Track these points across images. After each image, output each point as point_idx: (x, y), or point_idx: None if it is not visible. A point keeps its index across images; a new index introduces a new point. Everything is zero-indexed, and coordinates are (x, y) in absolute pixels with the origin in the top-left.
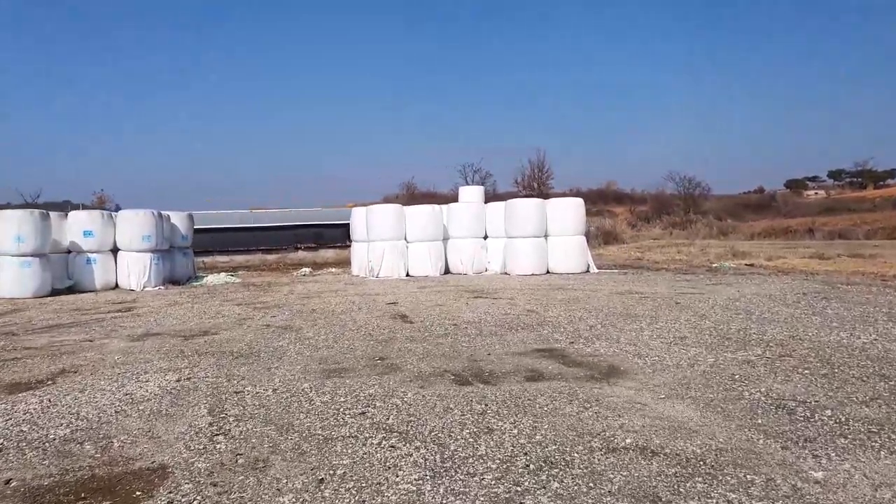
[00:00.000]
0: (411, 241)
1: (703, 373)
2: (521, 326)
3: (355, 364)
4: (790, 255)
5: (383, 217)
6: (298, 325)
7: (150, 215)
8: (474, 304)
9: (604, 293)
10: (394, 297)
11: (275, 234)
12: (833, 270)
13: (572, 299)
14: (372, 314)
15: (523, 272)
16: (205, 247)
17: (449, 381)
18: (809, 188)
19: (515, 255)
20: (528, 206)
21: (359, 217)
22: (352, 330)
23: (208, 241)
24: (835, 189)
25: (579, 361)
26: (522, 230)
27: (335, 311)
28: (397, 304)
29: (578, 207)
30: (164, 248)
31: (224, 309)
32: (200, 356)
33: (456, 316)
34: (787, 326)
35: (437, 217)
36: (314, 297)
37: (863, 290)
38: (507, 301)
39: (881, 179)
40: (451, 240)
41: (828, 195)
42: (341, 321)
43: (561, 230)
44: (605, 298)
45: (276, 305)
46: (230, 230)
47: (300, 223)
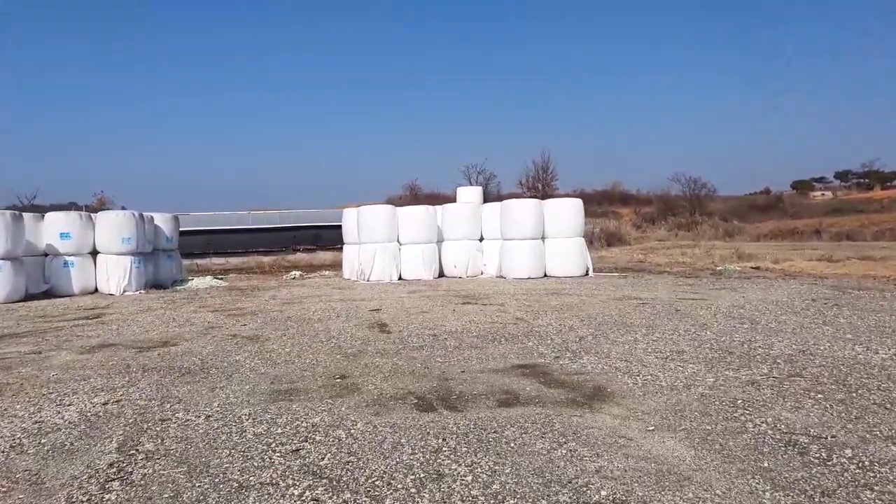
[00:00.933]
0: (404, 243)
1: (700, 396)
2: (505, 337)
3: (311, 384)
4: (797, 258)
5: (374, 218)
6: (267, 335)
7: (129, 216)
8: (462, 310)
9: (600, 299)
10: (379, 302)
11: (272, 236)
12: (842, 274)
13: (566, 306)
14: (349, 322)
15: (519, 276)
16: (200, 249)
17: (410, 406)
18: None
19: (511, 257)
20: (525, 207)
21: (350, 218)
22: (321, 341)
23: (204, 242)
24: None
25: (562, 381)
26: (518, 232)
27: (311, 319)
28: (380, 310)
29: (577, 208)
30: (147, 250)
31: (196, 316)
32: (145, 372)
33: (438, 325)
34: (796, 338)
35: (431, 218)
36: (296, 302)
37: (875, 295)
38: (497, 307)
39: (888, 180)
40: (445, 242)
41: (835, 196)
42: (313, 331)
43: (559, 232)
44: (600, 305)
45: (251, 312)
46: (226, 232)
47: (298, 224)
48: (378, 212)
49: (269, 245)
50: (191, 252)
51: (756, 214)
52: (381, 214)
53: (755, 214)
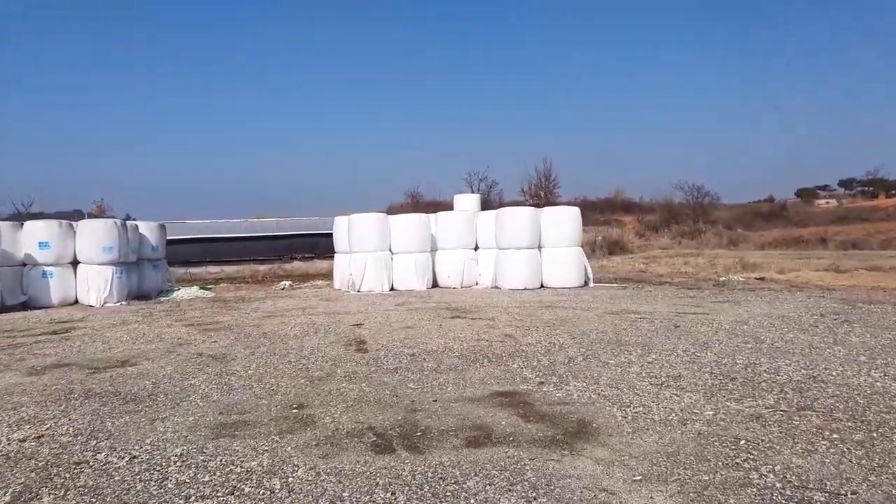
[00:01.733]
0: (396, 252)
1: (697, 435)
2: (489, 358)
3: (263, 415)
4: (803, 268)
5: (365, 227)
6: (234, 353)
7: (111, 225)
8: (448, 326)
9: (596, 312)
10: (363, 316)
11: (269, 244)
12: (851, 285)
13: (559, 320)
14: (326, 339)
15: (514, 286)
16: (197, 257)
17: (366, 445)
18: (820, 197)
19: (506, 268)
20: (520, 216)
21: (341, 226)
22: (289, 363)
23: (199, 251)
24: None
25: (543, 413)
26: (514, 241)
27: (286, 336)
28: (362, 325)
29: (575, 217)
30: (130, 260)
31: (168, 331)
32: (87, 399)
33: (420, 342)
34: (805, 361)
35: (425, 227)
36: (277, 316)
37: (888, 310)
38: (486, 322)
39: (893, 188)
40: (439, 251)
41: (840, 204)
42: (285, 349)
43: (556, 241)
44: (595, 320)
45: (227, 327)
46: (222, 240)
47: (295, 232)
48: (369, 220)
49: (266, 253)
50: (186, 260)
51: (760, 222)
52: (372, 223)
53: (759, 222)
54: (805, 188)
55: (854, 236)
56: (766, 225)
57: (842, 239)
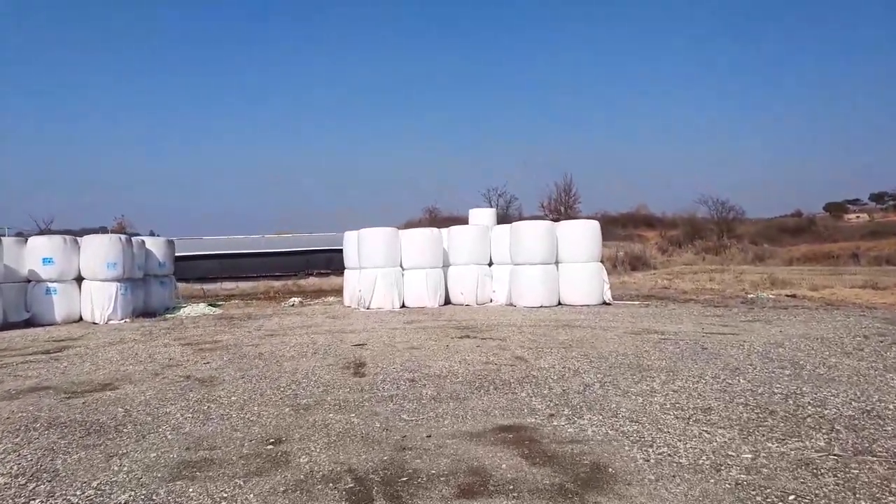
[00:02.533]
0: (407, 268)
1: (735, 486)
2: (495, 384)
3: (233, 451)
4: (837, 284)
5: (375, 241)
6: (223, 377)
7: (115, 240)
8: (456, 347)
9: (615, 333)
10: (368, 335)
11: (285, 260)
12: (892, 303)
13: (576, 341)
14: (324, 361)
15: (530, 304)
16: (211, 273)
17: (341, 494)
18: (850, 211)
19: (521, 284)
20: (537, 230)
21: (350, 241)
22: (279, 388)
23: (216, 267)
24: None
25: (551, 454)
26: (529, 256)
27: (283, 357)
28: (365, 346)
29: (594, 231)
30: (137, 276)
31: (162, 351)
32: (49, 429)
33: (423, 366)
34: (855, 391)
35: (437, 241)
36: (278, 335)
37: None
38: (497, 343)
39: None
40: (451, 267)
41: (871, 218)
42: (277, 372)
43: (574, 256)
44: (615, 341)
45: (224, 347)
46: (239, 256)
47: (312, 248)
48: (379, 234)
49: (282, 269)
50: (202, 277)
51: (787, 237)
52: (382, 237)
53: (786, 237)
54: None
55: (888, 252)
56: (793, 240)
57: (875, 254)
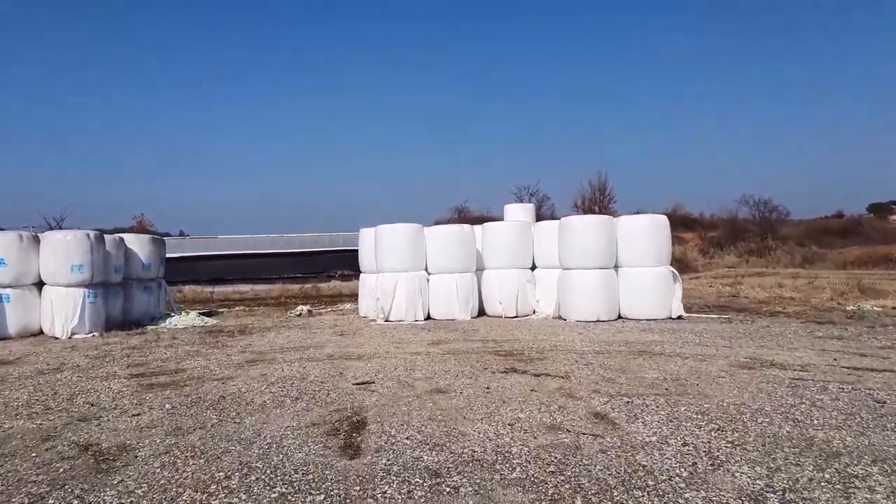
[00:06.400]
0: (433, 272)
1: None
2: (583, 489)
3: None
4: None
5: (396, 240)
6: (139, 449)
7: (82, 238)
8: (500, 389)
9: (719, 366)
10: (380, 364)
11: (305, 261)
12: None
13: (672, 381)
14: (305, 417)
15: (584, 318)
16: (227, 274)
17: None
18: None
19: (573, 293)
20: (591, 226)
21: (366, 241)
22: (207, 481)
23: (231, 268)
24: None
25: None
26: (583, 259)
27: (250, 406)
28: (372, 385)
29: (662, 227)
30: (113, 280)
31: (96, 387)
32: None
33: (453, 434)
34: None
35: (468, 240)
36: (263, 361)
37: None
38: (559, 383)
39: None
40: (486, 271)
41: None
42: (227, 441)
43: (638, 258)
44: (728, 383)
45: (181, 382)
46: (255, 256)
47: (334, 248)
48: (400, 232)
49: (304, 270)
50: (216, 278)
51: (833, 239)
52: (403, 235)
53: (832, 239)
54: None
55: None
56: (840, 242)
57: None
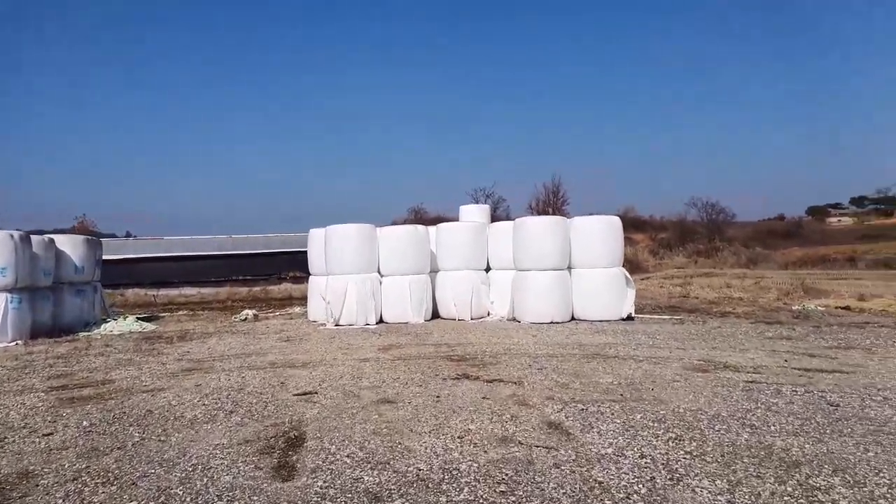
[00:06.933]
0: (386, 274)
1: None
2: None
3: None
4: (886, 294)
5: (346, 241)
6: (40, 477)
7: (4, 238)
8: (451, 398)
9: (673, 369)
10: (325, 372)
11: (255, 262)
12: None
13: (627, 386)
14: (238, 433)
15: (538, 319)
16: (173, 277)
17: None
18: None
19: (527, 294)
20: (546, 227)
21: (316, 241)
22: None
23: (177, 270)
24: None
25: None
26: (537, 260)
27: (180, 421)
28: (315, 395)
29: (615, 228)
30: (41, 284)
31: (4, 403)
32: None
33: (398, 450)
34: None
35: (422, 242)
36: (199, 370)
37: None
38: (512, 389)
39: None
40: (440, 273)
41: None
42: (147, 463)
43: (591, 260)
44: (683, 386)
45: (106, 395)
46: (202, 258)
47: (285, 250)
48: (351, 233)
49: (253, 273)
50: (161, 281)
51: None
52: (355, 236)
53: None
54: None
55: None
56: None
57: (872, 258)
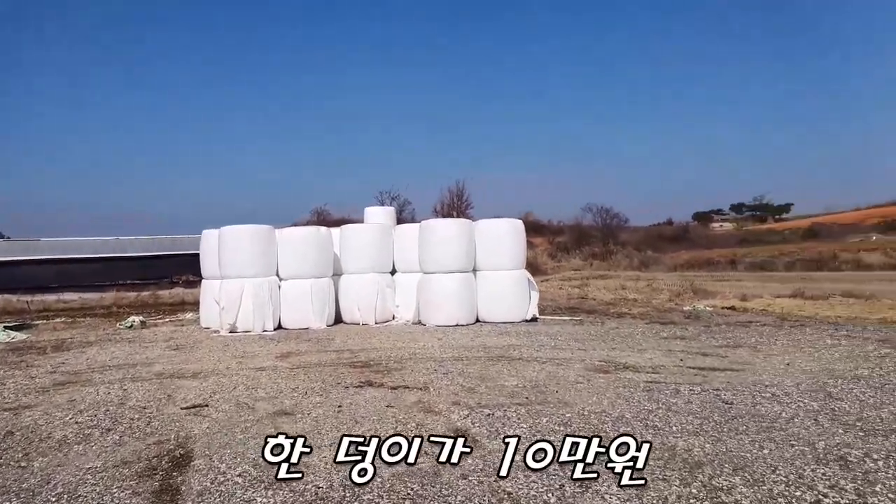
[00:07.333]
0: (285, 277)
1: None
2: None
3: None
4: (766, 294)
5: (242, 242)
6: None
7: None
8: (353, 407)
9: (576, 370)
10: (217, 383)
11: (143, 266)
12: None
13: (532, 388)
14: (116, 455)
15: (444, 322)
16: (50, 282)
17: None
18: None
19: (432, 297)
20: (452, 230)
21: (210, 243)
22: None
23: (55, 275)
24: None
25: None
26: (444, 262)
27: (48, 442)
28: (206, 408)
29: (518, 232)
30: None
31: None
32: None
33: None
34: None
35: (325, 244)
36: (76, 382)
37: None
38: (417, 396)
39: (778, 213)
40: (344, 276)
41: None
42: (2, 492)
43: (496, 262)
44: (586, 388)
45: None
46: (84, 261)
47: (178, 252)
48: (248, 234)
49: (142, 277)
50: (39, 286)
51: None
52: (252, 237)
53: (665, 245)
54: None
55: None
56: (672, 247)
57: (750, 261)
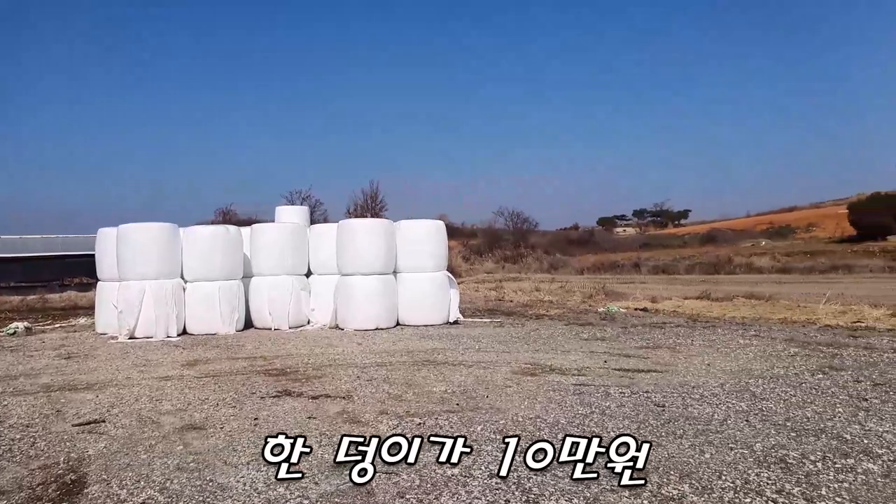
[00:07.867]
0: (191, 279)
1: None
2: None
3: None
4: (673, 296)
5: (143, 242)
6: None
7: None
8: (272, 417)
9: (503, 374)
10: (116, 394)
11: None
12: (756, 318)
13: (461, 395)
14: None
15: (363, 326)
16: None
17: None
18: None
19: (352, 300)
20: (372, 230)
21: (107, 242)
22: None
23: None
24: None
25: None
26: (362, 263)
27: None
28: (102, 424)
29: (440, 233)
30: None
31: None
32: None
33: (210, 488)
34: None
35: (234, 243)
36: None
37: (879, 357)
38: (340, 406)
39: (677, 219)
40: (255, 278)
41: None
42: None
43: (417, 264)
44: (516, 392)
45: None
46: None
47: (70, 253)
48: (149, 232)
49: (30, 279)
50: None
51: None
52: (153, 236)
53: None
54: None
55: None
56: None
57: (653, 264)
